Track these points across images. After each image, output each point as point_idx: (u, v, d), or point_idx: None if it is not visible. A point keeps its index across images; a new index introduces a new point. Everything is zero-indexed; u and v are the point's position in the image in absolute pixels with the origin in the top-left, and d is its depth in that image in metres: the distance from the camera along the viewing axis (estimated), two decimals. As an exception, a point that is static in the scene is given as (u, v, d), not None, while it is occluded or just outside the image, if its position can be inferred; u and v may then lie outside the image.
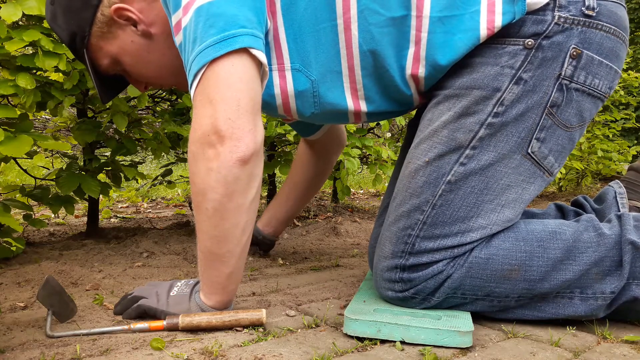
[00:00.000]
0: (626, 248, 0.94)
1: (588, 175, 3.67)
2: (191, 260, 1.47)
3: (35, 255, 1.47)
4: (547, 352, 0.87)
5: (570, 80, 0.95)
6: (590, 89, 0.97)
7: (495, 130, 0.95)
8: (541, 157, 0.98)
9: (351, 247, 1.77)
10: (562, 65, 0.94)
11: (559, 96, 0.95)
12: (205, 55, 0.84)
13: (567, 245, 0.96)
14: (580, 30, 0.94)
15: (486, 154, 0.96)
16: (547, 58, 0.94)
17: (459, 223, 0.96)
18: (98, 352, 0.83)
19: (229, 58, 0.85)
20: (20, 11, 1.22)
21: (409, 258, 0.98)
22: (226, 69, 0.84)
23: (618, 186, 1.20)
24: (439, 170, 0.97)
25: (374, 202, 3.16)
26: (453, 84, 0.99)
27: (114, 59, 1.06)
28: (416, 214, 0.98)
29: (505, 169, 0.96)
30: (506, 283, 0.96)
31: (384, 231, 1.03)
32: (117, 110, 1.50)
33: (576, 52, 0.94)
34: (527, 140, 0.96)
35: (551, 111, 0.96)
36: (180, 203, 3.06)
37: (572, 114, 0.97)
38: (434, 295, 0.98)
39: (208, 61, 0.84)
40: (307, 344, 0.88)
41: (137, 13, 1.01)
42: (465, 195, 0.96)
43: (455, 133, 0.97)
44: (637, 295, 0.95)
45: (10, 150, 1.17)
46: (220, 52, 0.84)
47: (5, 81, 1.26)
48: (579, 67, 0.95)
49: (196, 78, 0.86)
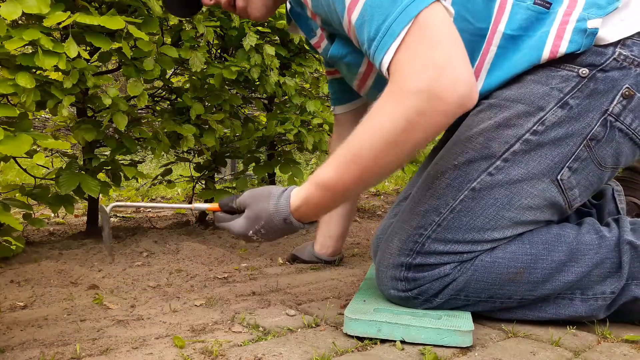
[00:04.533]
0: (625, 249, 0.95)
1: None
2: (191, 260, 1.47)
3: (35, 254, 1.47)
4: (547, 352, 0.87)
5: (616, 118, 0.94)
6: (633, 133, 0.96)
7: (530, 147, 0.95)
8: (568, 187, 0.97)
9: (351, 246, 1.77)
10: (611, 101, 0.93)
11: (601, 131, 0.94)
12: (412, 10, 0.81)
13: (571, 247, 0.96)
14: (638, 72, 0.93)
15: (516, 169, 0.95)
16: (598, 90, 0.93)
17: (474, 232, 0.95)
18: (98, 351, 0.83)
19: (432, 8, 0.82)
20: (20, 9, 1.22)
21: (416, 257, 0.97)
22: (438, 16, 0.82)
23: (615, 184, 1.21)
24: (466, 175, 0.96)
25: (374, 201, 3.16)
26: (499, 95, 0.99)
27: None
28: (432, 215, 0.97)
29: (531, 189, 0.95)
30: (510, 285, 0.96)
31: (395, 227, 1.02)
32: (117, 109, 1.50)
33: (629, 92, 0.93)
34: (560, 167, 0.95)
35: (590, 144, 0.95)
36: (180, 202, 3.06)
37: (610, 153, 0.96)
38: (437, 296, 0.98)
39: (416, 14, 0.81)
40: (307, 344, 0.88)
41: None
42: (487, 205, 0.95)
43: (490, 142, 0.96)
44: (637, 295, 0.95)
45: (9, 150, 1.17)
46: (425, 4, 0.81)
47: (5, 80, 1.26)
48: (628, 108, 0.94)
49: (402, 33, 0.81)
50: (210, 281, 1.28)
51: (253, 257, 1.55)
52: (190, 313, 1.04)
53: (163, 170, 2.05)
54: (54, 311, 1.03)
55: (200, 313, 1.04)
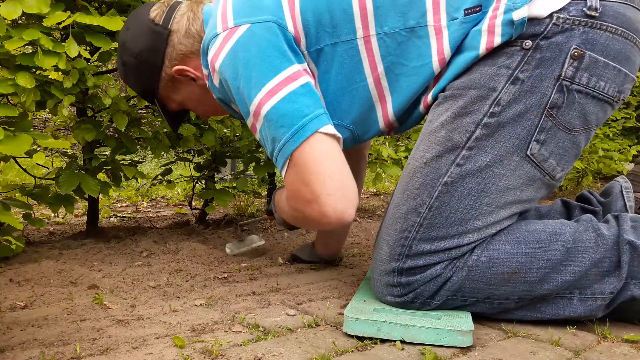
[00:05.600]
0: (624, 248, 0.94)
1: (589, 175, 3.67)
2: (191, 260, 1.47)
3: (35, 254, 1.47)
4: (547, 352, 0.87)
5: (571, 81, 0.93)
6: (594, 91, 0.95)
7: (492, 130, 0.95)
8: (541, 160, 0.96)
9: (351, 246, 1.77)
10: (562, 65, 0.93)
11: (559, 97, 0.94)
12: (287, 150, 0.96)
13: (567, 246, 0.95)
14: (582, 31, 0.92)
15: (483, 155, 0.95)
16: (546, 58, 0.93)
17: (456, 225, 0.96)
18: (98, 351, 0.83)
19: (306, 144, 0.95)
20: (20, 9, 1.22)
21: (406, 261, 0.98)
22: (306, 154, 0.95)
23: (624, 181, 1.19)
24: (436, 171, 0.97)
25: (374, 201, 3.16)
26: (452, 86, 0.99)
27: (180, 103, 1.23)
28: (413, 216, 0.98)
29: (503, 170, 0.95)
30: (506, 285, 0.96)
31: (382, 234, 1.03)
32: (117, 109, 1.50)
33: (578, 52, 0.92)
34: (526, 142, 0.95)
35: (551, 112, 0.94)
36: (180, 202, 3.06)
37: (575, 116, 0.95)
38: (433, 298, 0.98)
39: (289, 154, 0.96)
40: (307, 344, 0.88)
41: (193, 71, 1.14)
42: (462, 197, 0.95)
43: (451, 133, 0.96)
44: (635, 294, 0.95)
45: (9, 149, 1.17)
46: (296, 144, 0.95)
47: (5, 80, 1.26)
48: (581, 68, 0.93)
49: (284, 168, 0.98)
50: (210, 281, 1.29)
51: (253, 257, 1.55)
52: (190, 313, 1.04)
53: (163, 170, 2.05)
54: (54, 311, 1.03)
55: (200, 313, 1.04)
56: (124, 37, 1.16)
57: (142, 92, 1.21)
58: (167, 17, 1.13)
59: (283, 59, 0.97)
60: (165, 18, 1.13)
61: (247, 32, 0.98)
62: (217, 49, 1.01)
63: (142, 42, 1.13)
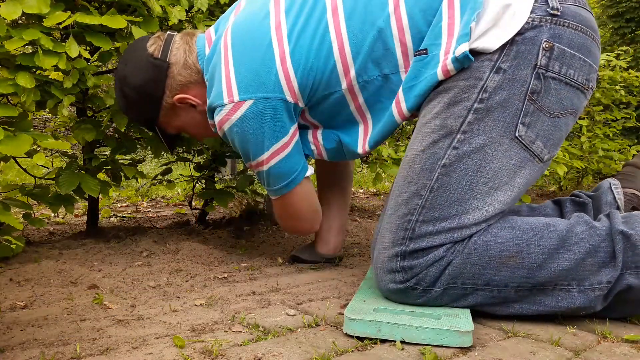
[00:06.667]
0: (617, 238, 0.99)
1: (589, 174, 3.66)
2: (191, 260, 1.47)
3: (35, 254, 1.47)
4: (547, 352, 0.87)
5: (546, 69, 1.03)
6: (566, 78, 1.04)
7: (482, 115, 1.02)
8: (529, 142, 1.03)
9: (351, 246, 1.77)
10: (537, 56, 1.02)
11: (538, 84, 1.03)
12: (279, 192, 1.28)
13: (561, 234, 1.00)
14: (549, 27, 1.03)
15: (476, 138, 1.02)
16: (522, 50, 1.03)
17: (456, 205, 1.01)
18: (98, 351, 0.83)
19: (294, 190, 1.28)
20: (20, 9, 1.21)
21: (409, 244, 1.01)
22: (293, 196, 1.29)
23: (613, 179, 1.26)
24: (434, 155, 1.03)
25: (374, 201, 3.16)
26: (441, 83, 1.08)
27: (179, 128, 1.36)
28: (415, 200, 1.03)
29: (495, 152, 1.02)
30: (505, 270, 0.99)
31: (384, 224, 1.07)
32: (117, 109, 1.50)
33: (548, 45, 1.03)
34: (514, 125, 1.02)
35: (532, 97, 1.03)
36: (180, 202, 3.06)
37: (553, 101, 1.04)
38: (434, 285, 1.00)
39: (282, 194, 1.29)
40: (307, 344, 0.88)
41: (194, 99, 1.28)
42: (460, 177, 1.01)
43: (445, 121, 1.04)
44: (631, 283, 0.98)
45: (9, 150, 1.17)
46: (288, 190, 1.27)
47: (5, 80, 1.26)
48: (553, 58, 1.03)
49: (275, 199, 1.32)
50: (210, 281, 1.29)
51: (253, 257, 1.55)
52: (190, 313, 1.04)
53: (163, 170, 2.05)
54: (54, 311, 1.03)
55: (200, 313, 1.04)
56: (124, 72, 1.27)
57: (144, 121, 1.35)
58: (164, 50, 1.26)
59: (283, 129, 1.19)
60: (163, 52, 1.26)
61: (253, 107, 1.16)
62: (224, 117, 1.19)
63: (142, 75, 1.25)
